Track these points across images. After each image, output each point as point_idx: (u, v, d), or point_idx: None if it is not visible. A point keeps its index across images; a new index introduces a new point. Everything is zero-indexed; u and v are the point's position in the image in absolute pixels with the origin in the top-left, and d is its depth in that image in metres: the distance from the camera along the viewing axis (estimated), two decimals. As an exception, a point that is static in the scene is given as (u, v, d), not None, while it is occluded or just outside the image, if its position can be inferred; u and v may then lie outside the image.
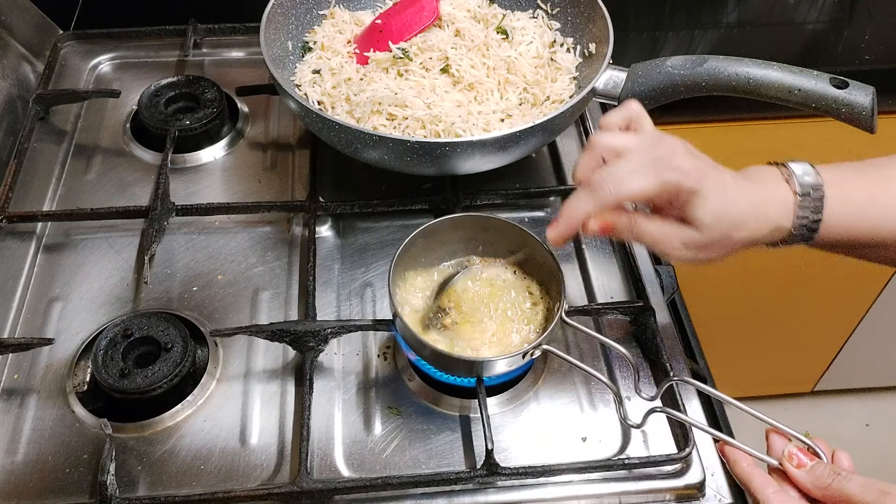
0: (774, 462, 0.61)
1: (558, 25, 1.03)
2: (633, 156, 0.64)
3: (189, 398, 0.77)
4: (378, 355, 0.81)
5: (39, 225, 0.92)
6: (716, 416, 0.78)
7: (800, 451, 0.60)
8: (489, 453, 0.70)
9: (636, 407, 0.76)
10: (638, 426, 0.70)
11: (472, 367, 0.72)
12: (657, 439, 0.75)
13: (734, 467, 0.62)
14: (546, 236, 0.67)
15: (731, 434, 0.77)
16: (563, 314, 0.72)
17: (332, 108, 0.93)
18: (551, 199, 0.97)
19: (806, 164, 0.68)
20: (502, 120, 0.91)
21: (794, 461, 0.60)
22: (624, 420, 0.69)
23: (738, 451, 0.62)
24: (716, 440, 0.64)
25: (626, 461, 0.72)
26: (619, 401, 0.71)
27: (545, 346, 0.71)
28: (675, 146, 0.65)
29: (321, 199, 0.92)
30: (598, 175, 0.64)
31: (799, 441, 0.62)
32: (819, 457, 0.60)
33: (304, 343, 0.78)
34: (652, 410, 0.68)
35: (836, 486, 0.57)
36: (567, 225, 0.65)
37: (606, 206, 0.64)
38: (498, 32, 0.98)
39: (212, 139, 1.02)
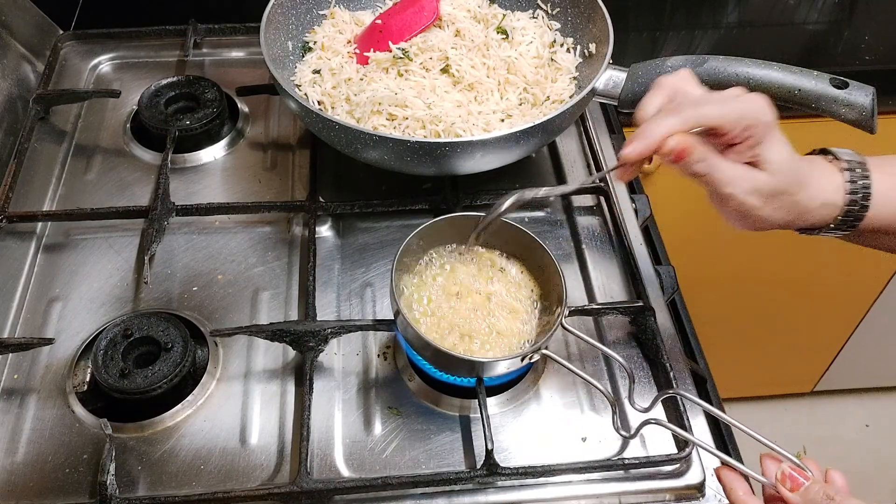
0: (769, 482, 0.61)
1: (558, 25, 1.03)
2: (709, 93, 0.65)
3: (189, 398, 0.77)
4: (378, 355, 0.81)
5: (39, 225, 0.92)
6: (717, 420, 0.78)
7: (794, 471, 0.60)
8: (489, 453, 0.70)
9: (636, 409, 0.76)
10: (630, 437, 0.70)
11: (473, 367, 0.72)
12: (657, 439, 0.75)
13: (730, 495, 0.62)
14: (621, 155, 0.65)
15: (731, 436, 0.77)
16: (564, 321, 0.72)
17: (332, 108, 0.93)
18: (551, 199, 0.97)
19: (847, 150, 0.69)
20: (502, 120, 0.91)
21: (788, 484, 0.59)
22: (617, 430, 0.69)
23: (735, 477, 0.62)
24: (723, 462, 0.64)
25: (626, 461, 0.72)
26: (614, 409, 0.71)
27: (544, 351, 0.71)
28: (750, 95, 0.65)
29: (321, 199, 0.92)
30: (675, 103, 0.65)
31: (791, 462, 0.61)
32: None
33: (304, 343, 0.78)
34: (646, 422, 0.68)
35: None
36: (646, 140, 0.63)
37: (686, 128, 0.63)
38: (498, 32, 0.98)
39: (212, 139, 1.02)
